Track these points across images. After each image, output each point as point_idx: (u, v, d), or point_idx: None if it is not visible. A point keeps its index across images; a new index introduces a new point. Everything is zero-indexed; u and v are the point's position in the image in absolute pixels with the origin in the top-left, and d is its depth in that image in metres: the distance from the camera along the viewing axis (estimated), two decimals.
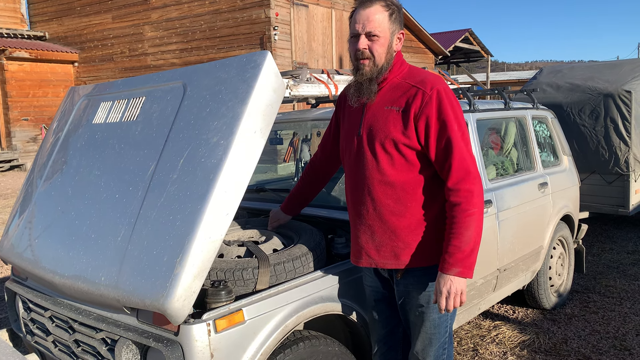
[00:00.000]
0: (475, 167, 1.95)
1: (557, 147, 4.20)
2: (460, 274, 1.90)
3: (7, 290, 2.57)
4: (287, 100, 3.50)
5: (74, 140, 2.45)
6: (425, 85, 1.95)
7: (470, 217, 1.91)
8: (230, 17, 13.93)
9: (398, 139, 1.95)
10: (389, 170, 1.98)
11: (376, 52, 1.95)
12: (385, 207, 2.00)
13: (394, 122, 1.96)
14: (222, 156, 1.76)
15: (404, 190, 1.98)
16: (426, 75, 2.01)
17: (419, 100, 1.93)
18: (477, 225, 1.92)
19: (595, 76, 5.78)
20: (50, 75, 16.65)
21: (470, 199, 1.91)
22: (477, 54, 24.42)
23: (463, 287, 1.91)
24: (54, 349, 2.23)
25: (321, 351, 2.10)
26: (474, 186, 1.93)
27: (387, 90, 2.02)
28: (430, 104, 1.92)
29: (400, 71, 2.03)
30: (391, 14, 1.96)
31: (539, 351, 3.41)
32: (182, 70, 2.15)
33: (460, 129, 1.94)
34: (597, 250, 5.64)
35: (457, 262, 1.89)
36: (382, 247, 2.03)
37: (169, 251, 1.71)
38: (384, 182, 1.99)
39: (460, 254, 1.89)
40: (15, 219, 2.50)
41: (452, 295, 1.90)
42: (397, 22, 1.99)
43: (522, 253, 3.40)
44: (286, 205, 2.55)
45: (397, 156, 1.97)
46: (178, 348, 1.73)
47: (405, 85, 1.99)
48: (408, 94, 1.96)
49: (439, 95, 1.93)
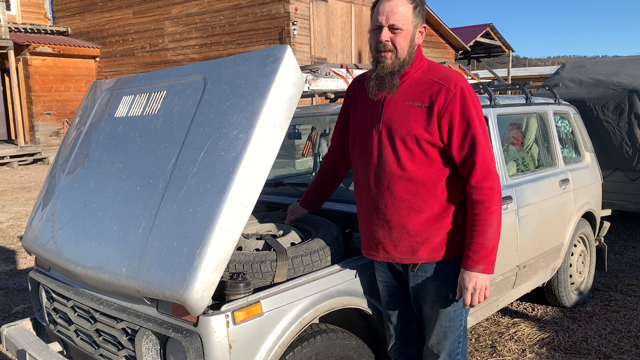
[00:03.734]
0: (494, 165, 1.97)
1: (579, 143, 4.14)
2: (483, 271, 1.93)
3: (31, 280, 2.62)
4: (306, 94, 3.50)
5: (96, 134, 2.49)
6: (449, 81, 1.94)
7: (492, 214, 1.93)
8: (249, 12, 13.97)
9: (420, 135, 1.94)
10: (409, 165, 1.97)
11: (399, 45, 1.93)
12: (405, 202, 2.00)
13: (416, 118, 1.95)
14: (241, 150, 1.77)
15: (424, 186, 1.98)
16: (448, 71, 2.00)
17: (442, 97, 1.92)
18: (498, 222, 1.95)
19: (619, 71, 5.67)
20: (72, 70, 16.89)
21: (492, 197, 1.93)
22: (498, 49, 24.12)
23: (487, 283, 1.95)
24: (76, 338, 2.27)
25: (338, 345, 2.11)
26: (495, 184, 1.94)
27: (408, 85, 2.00)
28: (455, 101, 1.91)
29: (420, 66, 2.02)
30: (415, 6, 1.95)
31: (559, 349, 3.37)
32: (202, 64, 2.17)
33: (482, 126, 1.95)
34: (619, 249, 5.55)
35: (481, 259, 1.93)
36: (400, 242, 2.03)
37: (189, 243, 1.73)
38: (404, 177, 1.98)
39: (484, 251, 1.93)
40: (39, 211, 2.55)
41: (478, 291, 1.94)
42: (421, 16, 1.98)
43: (542, 250, 3.36)
44: (304, 200, 2.56)
45: (418, 152, 1.96)
46: (197, 339, 1.75)
47: (427, 80, 1.98)
48: (431, 90, 1.95)
49: (462, 93, 1.92)
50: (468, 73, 10.45)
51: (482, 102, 3.15)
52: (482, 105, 3.09)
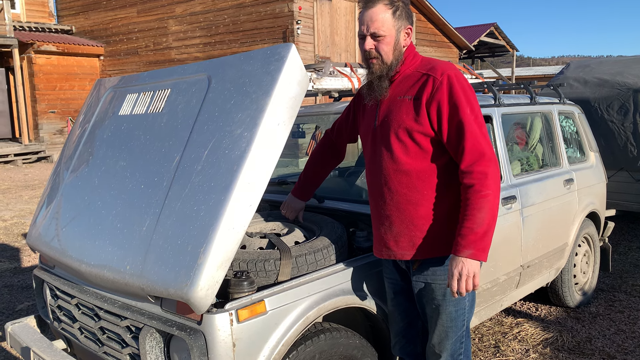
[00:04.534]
0: (490, 149, 1.92)
1: (584, 143, 4.13)
2: (472, 256, 1.86)
3: (35, 278, 2.62)
4: (310, 93, 3.50)
5: (101, 132, 2.49)
6: (436, 71, 1.96)
7: (483, 198, 1.87)
8: (253, 11, 13.97)
9: (411, 127, 1.96)
10: (403, 158, 1.98)
11: (382, 51, 1.98)
12: (402, 196, 2.01)
13: (407, 110, 1.97)
14: (245, 148, 1.77)
15: (419, 179, 1.98)
16: (437, 62, 2.01)
17: (429, 86, 1.94)
18: (492, 208, 1.88)
19: (624, 71, 5.65)
20: (76, 69, 16.93)
21: (483, 181, 1.88)
22: (502, 48, 24.05)
23: (476, 270, 1.87)
24: (80, 336, 2.27)
25: (342, 343, 2.11)
26: (488, 168, 1.90)
27: (400, 81, 2.04)
28: (442, 89, 1.92)
29: (413, 63, 2.05)
30: (395, 11, 1.96)
31: (562, 349, 3.36)
32: (207, 62, 2.17)
33: (472, 112, 1.93)
34: (623, 249, 5.53)
35: (469, 244, 1.86)
36: (400, 237, 2.04)
37: (193, 241, 1.73)
38: (399, 171, 2.00)
39: (473, 236, 1.86)
40: (43, 208, 2.56)
41: (464, 277, 1.86)
42: (403, 18, 1.99)
43: (546, 250, 3.35)
44: (297, 190, 2.55)
45: (411, 144, 1.97)
46: (201, 337, 1.75)
47: (417, 74, 2.01)
48: (419, 82, 1.98)
49: (449, 80, 1.93)
50: (472, 72, 10.42)
51: (487, 102, 3.14)
52: (487, 105, 3.09)
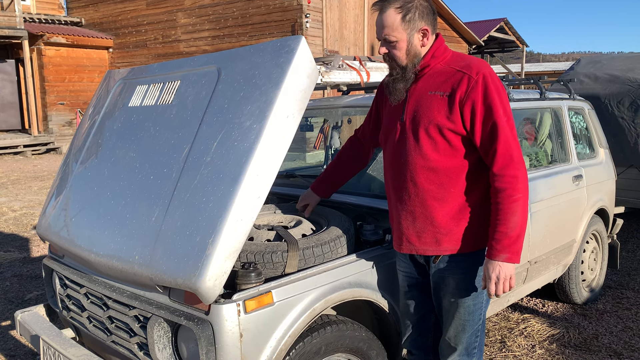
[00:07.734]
0: (519, 152, 1.93)
1: (594, 139, 4.10)
2: (508, 260, 1.91)
3: (45, 267, 2.65)
4: (319, 86, 3.49)
5: (110, 123, 2.50)
6: (471, 69, 1.93)
7: (515, 202, 1.90)
8: (262, 4, 13.94)
9: (442, 124, 1.94)
10: (432, 155, 1.97)
11: (395, 55, 2.00)
12: (428, 192, 2.00)
13: (438, 107, 1.95)
14: (254, 140, 1.78)
15: (448, 176, 1.98)
16: (471, 59, 1.99)
17: (464, 84, 1.92)
18: (523, 211, 1.92)
19: (635, 67, 5.59)
20: (85, 61, 16.99)
21: (515, 185, 1.90)
22: (512, 44, 23.90)
23: (512, 272, 1.93)
24: (89, 325, 2.30)
25: (348, 336, 2.12)
26: (519, 172, 1.91)
27: (430, 75, 2.01)
28: (477, 89, 1.90)
29: (443, 57, 2.01)
30: (405, 14, 1.94)
31: (569, 345, 3.36)
32: (216, 54, 2.17)
33: (505, 114, 1.92)
34: (632, 246, 5.50)
35: (504, 248, 1.90)
36: (423, 233, 2.03)
37: (202, 232, 1.74)
38: (427, 167, 1.98)
39: (507, 240, 1.90)
40: (53, 199, 2.58)
41: (502, 280, 1.92)
42: (416, 19, 1.96)
43: (553, 246, 3.34)
44: (317, 186, 2.56)
45: (441, 141, 1.96)
46: (208, 327, 1.76)
47: (450, 70, 1.98)
48: (453, 78, 1.95)
49: (485, 80, 1.91)
50: None
51: None
52: None
